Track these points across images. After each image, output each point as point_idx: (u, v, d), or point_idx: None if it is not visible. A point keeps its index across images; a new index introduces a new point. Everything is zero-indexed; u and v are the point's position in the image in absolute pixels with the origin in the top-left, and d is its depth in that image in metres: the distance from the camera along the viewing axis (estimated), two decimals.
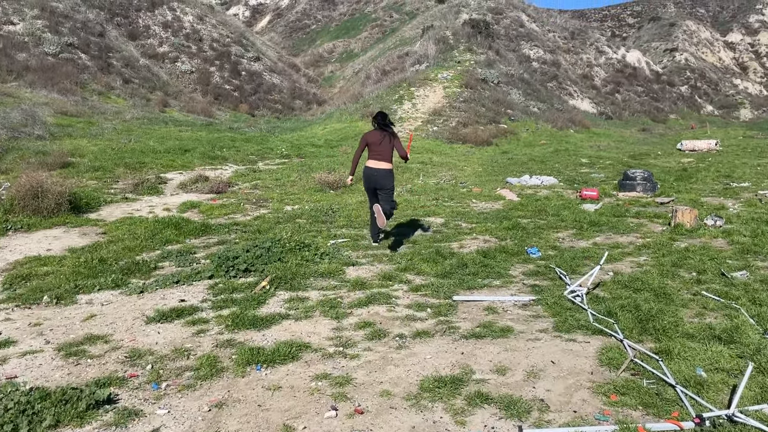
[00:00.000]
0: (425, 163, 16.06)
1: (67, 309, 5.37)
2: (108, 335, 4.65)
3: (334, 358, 4.20)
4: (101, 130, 18.46)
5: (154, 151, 15.65)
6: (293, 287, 5.78)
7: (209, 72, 34.20)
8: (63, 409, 3.37)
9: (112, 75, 28.31)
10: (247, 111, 32.07)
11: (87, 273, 6.35)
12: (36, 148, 14.27)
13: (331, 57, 47.50)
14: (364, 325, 4.82)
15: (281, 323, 4.88)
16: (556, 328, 4.69)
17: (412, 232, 8.30)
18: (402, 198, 11.09)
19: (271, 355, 4.18)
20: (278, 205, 10.45)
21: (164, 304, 5.38)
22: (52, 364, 4.15)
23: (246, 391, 3.74)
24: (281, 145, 18.73)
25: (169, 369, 4.05)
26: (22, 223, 8.40)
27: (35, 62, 25.22)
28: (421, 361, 4.14)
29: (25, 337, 4.65)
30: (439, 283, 5.90)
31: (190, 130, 21.58)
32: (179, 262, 6.90)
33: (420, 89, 25.74)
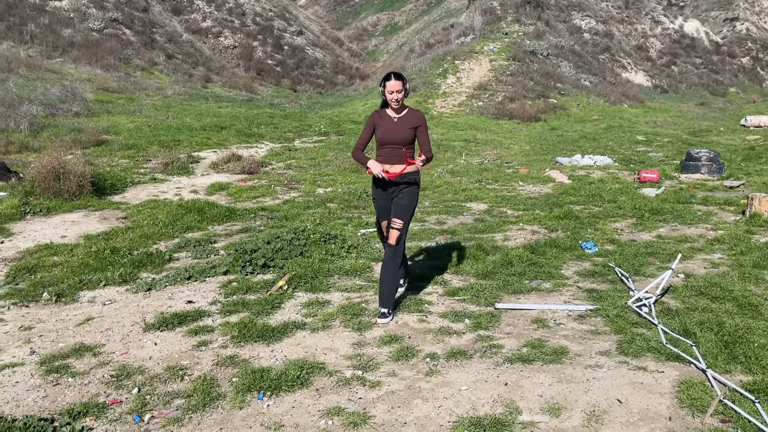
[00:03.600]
0: (468, 141, 15.16)
1: (66, 309, 4.85)
2: (99, 345, 4.10)
3: (351, 386, 3.52)
4: (140, 107, 18.16)
5: (190, 129, 15.21)
6: (314, 288, 5.13)
7: (252, 47, 33.72)
8: None
9: (156, 50, 28.10)
10: (289, 86, 31.51)
11: (96, 265, 5.85)
12: (72, 126, 14.00)
13: (374, 30, 46.44)
14: (389, 340, 4.13)
15: (295, 335, 4.23)
16: (620, 350, 3.90)
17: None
18: (442, 180, 10.30)
19: (277, 380, 3.53)
20: (310, 187, 9.82)
21: (169, 306, 4.80)
22: (29, 382, 3.61)
23: (241, 429, 3.10)
24: (320, 121, 18.07)
25: (157, 394, 3.46)
26: (42, 206, 8.00)
27: (80, 38, 25.15)
28: (456, 393, 3.42)
29: (11, 345, 4.14)
30: (479, 286, 5.14)
31: (230, 106, 21.14)
32: (196, 253, 6.34)
33: (465, 62, 24.63)
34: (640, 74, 34.39)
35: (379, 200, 4.67)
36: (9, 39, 22.50)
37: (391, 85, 4.38)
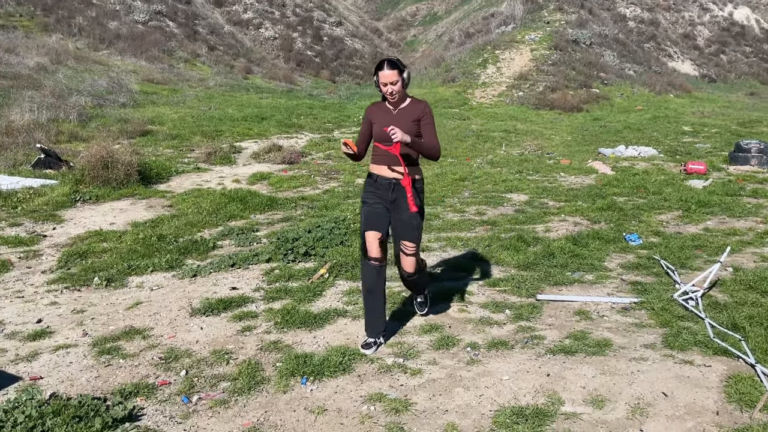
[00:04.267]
0: (508, 132, 15.00)
1: (115, 293, 5.01)
2: (148, 329, 4.22)
3: (392, 373, 3.56)
4: (183, 98, 18.51)
5: (232, 119, 15.45)
6: (354, 276, 5.17)
7: (292, 38, 33.96)
8: (75, 429, 2.92)
9: (198, 42, 28.55)
10: (328, 77, 31.66)
11: (143, 252, 6.01)
12: (118, 116, 14.37)
13: (413, 20, 46.19)
14: (430, 329, 4.14)
15: (336, 322, 4.29)
16: (666, 344, 3.83)
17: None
18: (482, 171, 10.23)
19: (320, 365, 3.59)
20: (350, 177, 9.87)
21: (214, 292, 4.91)
22: (83, 363, 3.75)
23: (286, 413, 3.17)
24: (358, 112, 18.12)
25: (204, 377, 3.55)
26: (91, 194, 8.25)
27: (126, 30, 25.73)
28: (497, 382, 3.42)
29: (64, 327, 4.30)
30: (521, 277, 5.11)
31: (270, 97, 21.37)
32: (239, 241, 6.46)
33: (505, 52, 24.33)
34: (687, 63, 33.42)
35: (372, 204, 3.77)
36: (58, 32, 23.15)
37: (385, 76, 3.59)
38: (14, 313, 4.54)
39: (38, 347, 3.98)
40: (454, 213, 7.46)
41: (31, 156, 9.83)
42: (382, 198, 3.75)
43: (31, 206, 7.54)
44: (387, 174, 3.73)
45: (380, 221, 3.78)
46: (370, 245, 3.78)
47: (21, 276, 5.42)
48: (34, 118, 12.17)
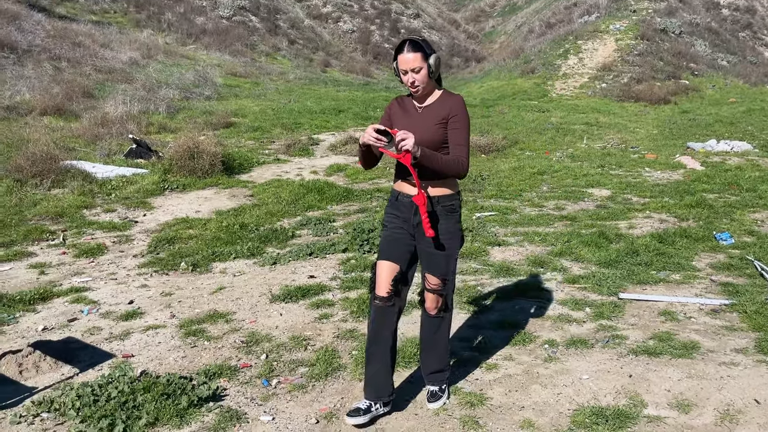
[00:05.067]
0: (590, 124, 14.54)
1: (200, 278, 5.23)
2: (230, 313, 4.39)
3: (467, 367, 3.54)
4: (264, 91, 19.02)
5: (311, 112, 15.74)
6: None
7: (369, 31, 34.18)
8: (163, 405, 3.07)
9: (279, 36, 29.25)
10: None
11: (227, 239, 6.24)
12: (204, 108, 14.94)
13: (492, 11, 45.45)
14: (505, 324, 4.09)
15: (411, 313, 4.30)
16: (759, 349, 3.62)
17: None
18: (561, 164, 9.97)
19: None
20: None
21: (293, 280, 5.04)
22: (170, 343, 3.94)
23: (362, 400, 3.21)
24: None
25: (283, 361, 3.66)
26: (178, 183, 8.62)
27: (211, 25, 26.69)
28: (576, 381, 3.34)
29: (154, 309, 4.53)
30: (602, 275, 4.95)
31: (347, 90, 21.63)
32: (317, 230, 6.59)
33: (588, 42, 23.55)
34: None
35: (391, 229, 3.02)
36: (149, 27, 24.28)
37: (405, 60, 2.80)
38: (108, 294, 4.83)
39: (130, 327, 4.21)
40: (531, 207, 7.32)
41: (123, 146, 10.38)
42: (405, 221, 2.97)
43: (124, 194, 7.97)
44: (411, 191, 2.91)
45: (398, 250, 2.98)
46: (378, 279, 2.99)
47: (114, 259, 5.74)
48: (127, 110, 12.83)
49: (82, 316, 4.37)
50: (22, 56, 14.52)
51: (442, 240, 2.94)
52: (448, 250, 2.97)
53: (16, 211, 6.89)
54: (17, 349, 3.75)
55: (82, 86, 13.68)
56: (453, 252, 3.00)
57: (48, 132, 10.53)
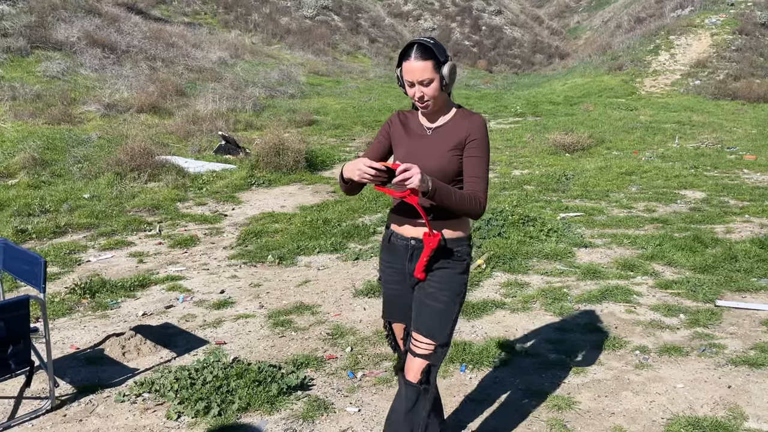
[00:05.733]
0: (682, 123, 13.87)
1: (287, 271, 5.39)
2: (316, 306, 4.50)
3: (554, 370, 3.47)
4: (345, 89, 19.32)
5: (390, 110, 15.85)
6: (512, 269, 5.11)
7: (450, 28, 34.03)
8: (255, 392, 3.20)
9: (360, 35, 29.63)
10: (484, 67, 31.34)
11: (310, 234, 6.39)
12: (287, 106, 15.35)
13: (577, 6, 44.16)
14: (594, 328, 3.98)
15: (494, 313, 4.27)
16: None
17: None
18: (651, 165, 9.58)
19: (479, 355, 3.61)
20: (506, 168, 9.72)
21: (375, 275, 5.10)
22: (260, 333, 4.08)
23: (446, 397, 3.22)
24: (516, 102, 17.75)
25: (368, 355, 3.72)
26: (264, 178, 8.90)
27: (295, 25, 27.37)
28: (670, 389, 3.21)
29: (243, 299, 4.70)
30: (696, 280, 4.73)
31: None
32: None
33: (681, 37, 22.47)
34: None
35: (388, 283, 2.51)
36: (237, 28, 25.16)
37: (411, 69, 2.21)
38: (201, 283, 5.05)
39: (221, 315, 4.40)
40: (620, 209, 7.08)
41: (213, 142, 10.81)
42: (399, 271, 2.43)
43: (214, 188, 8.31)
44: (407, 231, 2.36)
45: (399, 309, 2.51)
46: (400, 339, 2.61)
47: (206, 250, 6.00)
48: (216, 108, 13.37)
49: (177, 304, 4.60)
50: (121, 56, 15.39)
51: (440, 290, 2.31)
52: (445, 305, 2.31)
53: (117, 203, 7.32)
54: (120, 332, 4.00)
55: (175, 85, 14.35)
56: (451, 309, 2.33)
57: (144, 128, 11.13)
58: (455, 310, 2.36)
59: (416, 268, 2.30)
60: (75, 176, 8.16)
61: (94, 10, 17.21)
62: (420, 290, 2.36)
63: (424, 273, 2.31)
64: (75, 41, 14.85)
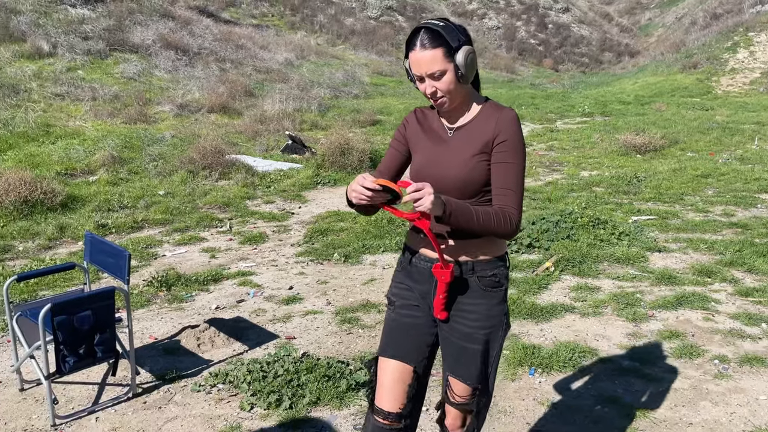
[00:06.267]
0: (762, 124, 13.21)
1: (352, 269, 5.45)
2: (381, 304, 4.53)
3: (627, 377, 3.38)
4: (408, 89, 19.35)
5: None
6: (582, 272, 5.00)
7: (515, 27, 33.58)
8: (324, 386, 3.25)
9: None
10: (550, 66, 30.76)
11: (375, 233, 6.44)
12: (351, 107, 15.51)
13: (649, 2, 42.72)
14: (669, 335, 3.85)
15: (563, 317, 4.19)
16: None
17: None
18: (729, 167, 9.17)
19: (548, 359, 3.55)
20: (574, 170, 9.52)
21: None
22: (328, 328, 4.15)
23: (515, 400, 3.19)
24: (584, 102, 17.33)
25: (436, 357, 3.71)
26: (330, 177, 9.03)
27: (359, 26, 27.64)
28: (751, 401, 3.08)
29: (311, 295, 4.79)
30: None
31: (490, 87, 21.42)
32: None
33: (761, 34, 21.39)
34: None
35: (399, 308, 2.08)
36: (303, 29, 25.61)
37: (418, 61, 1.85)
38: (270, 279, 5.18)
39: (291, 311, 4.49)
40: (695, 212, 6.81)
41: (280, 142, 11.04)
42: (423, 297, 2.03)
43: (281, 186, 8.49)
44: (431, 252, 2.00)
45: (412, 343, 2.05)
46: (382, 385, 2.07)
47: (275, 247, 6.15)
48: (283, 108, 13.64)
49: (248, 298, 4.73)
50: (192, 58, 15.92)
51: (478, 328, 1.95)
52: (485, 345, 1.96)
53: (190, 200, 7.59)
54: (195, 325, 4.15)
55: (243, 86, 14.74)
56: (493, 347, 1.98)
57: (215, 128, 11.49)
58: (497, 349, 1.99)
59: (435, 308, 1.95)
60: (150, 174, 8.51)
61: (168, 13, 17.88)
62: (450, 329, 1.98)
63: (445, 311, 1.96)
64: (150, 44, 15.47)
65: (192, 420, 3.06)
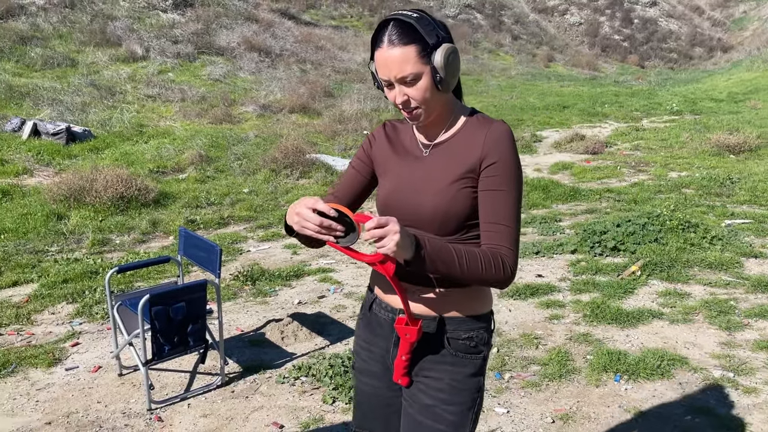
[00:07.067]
0: None
1: None
2: None
3: (720, 387, 3.23)
4: (487, 87, 19.15)
5: (533, 108, 15.50)
6: (671, 277, 4.80)
7: (598, 22, 32.55)
8: None
9: (503, 32, 29.20)
10: (636, 62, 29.63)
11: None
12: None
13: None
14: (766, 345, 3.65)
15: (651, 323, 4.04)
16: None
17: None
18: None
19: (635, 365, 3.44)
20: (661, 170, 9.14)
21: (520, 277, 5.03)
22: None
23: (599, 406, 3.11)
24: (672, 99, 16.60)
25: (514, 357, 3.68)
26: None
27: None
28: None
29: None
30: None
31: (572, 85, 20.87)
32: (542, 229, 6.49)
33: None
34: None
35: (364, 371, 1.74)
36: None
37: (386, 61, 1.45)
38: (350, 276, 5.27)
39: None
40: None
41: (358, 141, 11.19)
42: (379, 358, 1.69)
43: None
44: (394, 299, 1.62)
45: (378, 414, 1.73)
46: None
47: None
48: (360, 108, 13.82)
49: (329, 294, 4.83)
50: (275, 60, 16.38)
51: (443, 401, 1.56)
52: (448, 426, 1.56)
53: (272, 198, 7.82)
54: (279, 318, 4.29)
55: (323, 86, 15.03)
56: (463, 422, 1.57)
57: (295, 128, 11.78)
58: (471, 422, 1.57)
59: (395, 370, 1.58)
60: (235, 172, 8.82)
61: (252, 16, 18.48)
62: (410, 397, 1.61)
63: (407, 377, 1.59)
64: (235, 46, 16.04)
65: (277, 410, 3.17)
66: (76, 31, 14.75)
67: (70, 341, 3.94)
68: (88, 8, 15.89)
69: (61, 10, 15.46)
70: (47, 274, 5.04)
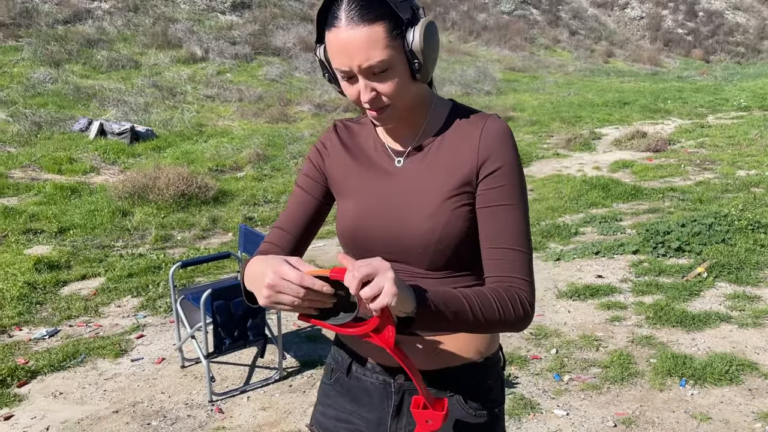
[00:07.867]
0: None
1: None
2: None
3: None
4: (543, 84, 18.83)
5: (592, 105, 15.14)
6: (739, 280, 4.60)
7: (660, 16, 31.51)
8: None
9: (559, 28, 28.64)
10: (700, 57, 28.53)
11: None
12: (483, 104, 15.33)
13: None
14: None
15: (718, 327, 3.88)
16: None
17: None
18: None
19: (702, 370, 3.31)
20: (728, 168, 8.77)
21: (579, 278, 4.92)
22: None
23: (663, 411, 3.01)
24: (739, 94, 15.91)
25: (574, 359, 3.60)
26: None
27: (492, 21, 27.27)
28: None
29: None
30: None
31: (632, 81, 20.29)
32: (602, 229, 6.32)
33: None
34: None
35: None
36: None
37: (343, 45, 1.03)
38: None
39: None
40: None
41: None
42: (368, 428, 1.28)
43: None
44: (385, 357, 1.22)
45: None
46: None
47: None
48: None
49: None
50: None
51: None
52: None
53: None
54: None
55: None
56: None
57: None
58: None
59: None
60: (291, 171, 8.95)
61: (308, 17, 18.70)
62: None
63: None
64: (291, 47, 16.29)
65: None
66: (139, 33, 15.28)
67: (136, 333, 4.08)
68: (150, 11, 16.43)
69: (125, 13, 16.04)
70: (113, 268, 5.24)
